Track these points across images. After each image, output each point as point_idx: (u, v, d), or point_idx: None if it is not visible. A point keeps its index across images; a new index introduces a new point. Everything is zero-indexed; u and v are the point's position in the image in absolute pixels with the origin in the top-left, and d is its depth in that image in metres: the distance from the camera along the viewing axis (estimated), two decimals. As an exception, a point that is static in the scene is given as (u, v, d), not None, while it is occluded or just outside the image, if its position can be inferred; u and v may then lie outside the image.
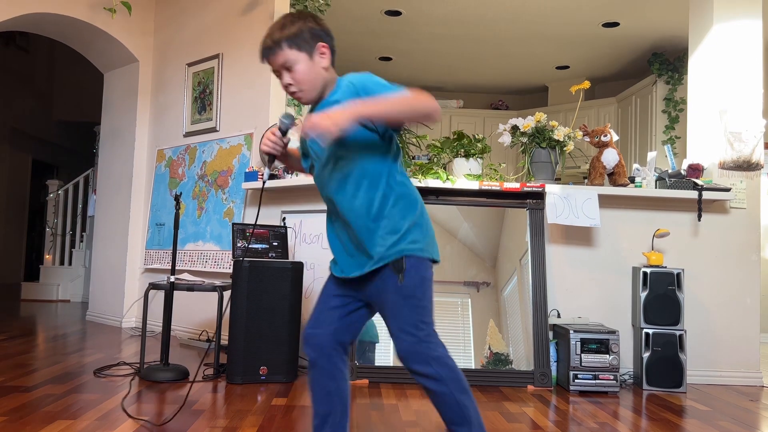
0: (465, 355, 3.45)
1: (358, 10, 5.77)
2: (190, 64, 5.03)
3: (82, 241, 7.39)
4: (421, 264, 1.77)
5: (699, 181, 3.76)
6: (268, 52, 1.81)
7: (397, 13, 5.83)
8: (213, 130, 4.77)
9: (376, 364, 3.43)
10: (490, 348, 3.49)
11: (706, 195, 3.73)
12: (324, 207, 1.90)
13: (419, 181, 3.59)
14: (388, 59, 7.24)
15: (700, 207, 3.75)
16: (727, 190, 3.76)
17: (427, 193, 3.69)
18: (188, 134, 4.99)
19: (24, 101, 9.36)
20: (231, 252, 3.62)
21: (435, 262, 1.82)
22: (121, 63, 5.55)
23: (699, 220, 3.78)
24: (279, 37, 1.78)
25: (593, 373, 3.37)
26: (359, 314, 1.89)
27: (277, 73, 1.83)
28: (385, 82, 1.77)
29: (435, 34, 6.34)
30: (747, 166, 3.83)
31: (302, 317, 3.73)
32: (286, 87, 1.83)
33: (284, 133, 1.87)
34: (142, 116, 5.41)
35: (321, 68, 1.81)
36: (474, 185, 3.65)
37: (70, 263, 7.36)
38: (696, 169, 3.84)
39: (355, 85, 1.77)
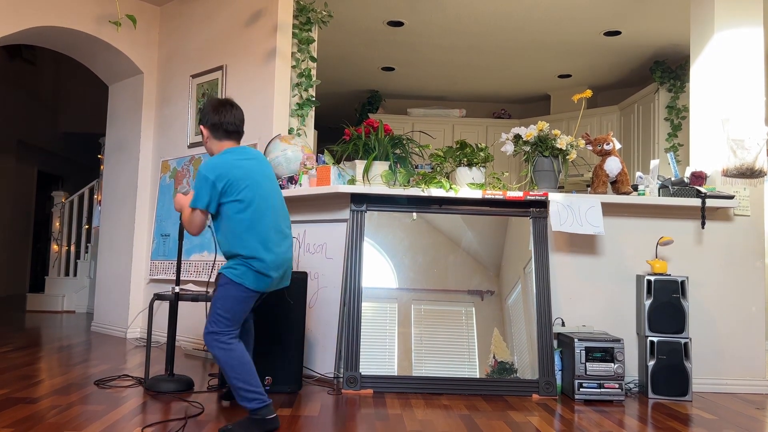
0: (469, 364, 3.45)
1: (361, 21, 5.81)
2: (194, 76, 5.07)
3: (87, 252, 7.41)
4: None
5: (702, 189, 3.76)
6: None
7: (399, 24, 5.86)
8: (217, 141, 4.79)
9: (381, 374, 3.43)
10: (494, 357, 3.49)
11: (709, 202, 3.73)
12: (327, 217, 2.02)
13: (422, 191, 3.60)
14: (391, 69, 7.27)
15: (703, 214, 3.75)
16: (731, 197, 3.76)
17: (430, 202, 3.71)
18: (193, 145, 5.02)
19: (29, 113, 9.42)
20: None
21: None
22: (126, 75, 5.59)
23: (703, 227, 3.78)
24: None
25: (598, 382, 3.36)
26: None
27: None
28: (199, 184, 2.65)
29: (437, 44, 6.37)
30: (750, 173, 3.83)
31: (306, 327, 3.74)
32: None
33: None
34: (146, 128, 5.45)
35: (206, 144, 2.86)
36: (477, 194, 3.66)
37: (75, 274, 7.38)
38: (699, 177, 3.85)
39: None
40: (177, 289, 3.41)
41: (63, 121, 10.16)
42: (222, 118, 2.74)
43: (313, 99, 4.60)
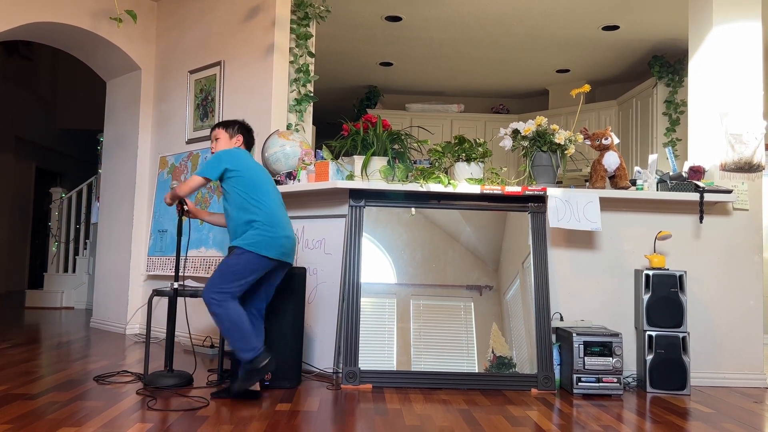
0: (468, 359, 3.46)
1: (359, 17, 5.80)
2: (192, 72, 5.06)
3: (85, 249, 7.41)
4: None
5: (700, 183, 3.77)
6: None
7: (397, 19, 5.85)
8: (215, 136, 4.79)
9: (379, 369, 3.44)
10: (493, 352, 3.50)
11: (707, 197, 3.74)
12: (326, 213, 2.03)
13: (421, 186, 3.60)
14: (389, 64, 7.26)
15: (701, 209, 3.76)
16: (729, 191, 3.76)
17: (428, 197, 3.71)
18: (191, 141, 5.02)
19: (27, 110, 9.41)
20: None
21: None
22: (124, 71, 5.58)
23: (701, 222, 3.79)
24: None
25: (596, 376, 3.37)
26: None
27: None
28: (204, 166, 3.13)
29: (435, 39, 6.36)
30: (748, 167, 3.83)
31: (305, 323, 3.74)
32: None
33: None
34: (144, 123, 5.44)
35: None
36: (475, 189, 3.66)
37: (74, 271, 7.38)
38: (697, 171, 3.85)
39: None
40: (176, 285, 3.41)
41: (61, 117, 10.15)
42: (249, 133, 3.39)
43: (312, 94, 4.59)
